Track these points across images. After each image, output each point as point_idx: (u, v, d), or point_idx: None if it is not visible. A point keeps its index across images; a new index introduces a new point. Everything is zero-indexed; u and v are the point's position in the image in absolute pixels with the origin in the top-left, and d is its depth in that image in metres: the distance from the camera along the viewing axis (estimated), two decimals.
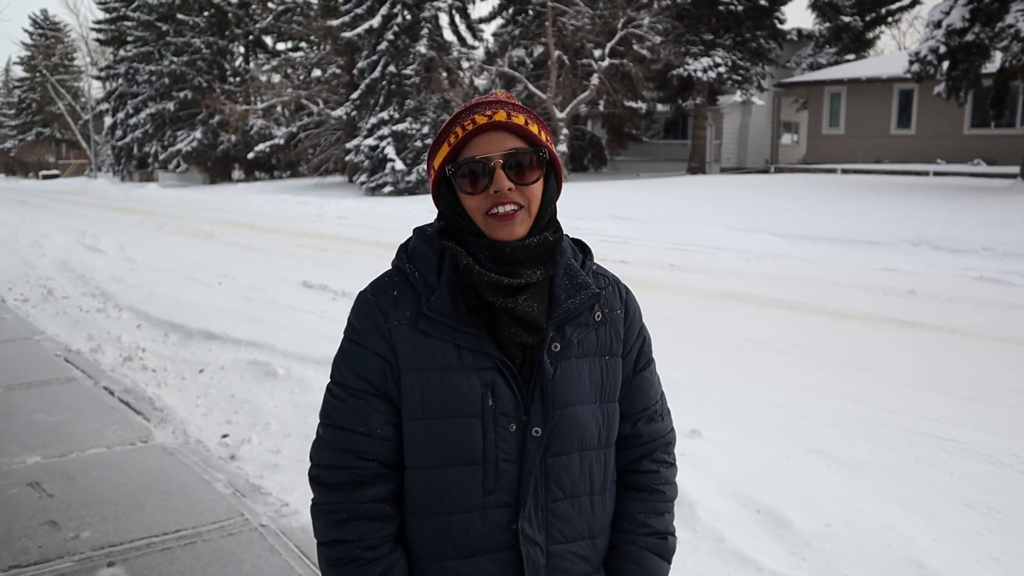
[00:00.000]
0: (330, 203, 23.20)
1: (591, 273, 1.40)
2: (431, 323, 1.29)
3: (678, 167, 30.59)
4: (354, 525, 1.30)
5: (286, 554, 3.29)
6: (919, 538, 3.33)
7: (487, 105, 1.31)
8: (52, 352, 6.69)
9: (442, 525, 1.31)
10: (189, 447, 4.54)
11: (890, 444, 4.41)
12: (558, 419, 1.30)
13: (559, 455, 1.31)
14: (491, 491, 1.29)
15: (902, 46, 48.81)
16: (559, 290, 1.34)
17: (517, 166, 1.28)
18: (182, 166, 40.76)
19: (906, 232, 12.56)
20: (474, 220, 1.30)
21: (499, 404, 1.28)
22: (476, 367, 1.28)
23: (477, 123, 1.28)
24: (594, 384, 1.35)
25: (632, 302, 1.46)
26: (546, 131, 1.34)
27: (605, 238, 14.37)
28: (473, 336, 1.28)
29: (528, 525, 1.30)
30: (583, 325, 1.35)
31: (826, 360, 6.13)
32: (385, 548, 1.31)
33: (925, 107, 24.70)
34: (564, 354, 1.32)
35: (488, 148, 1.28)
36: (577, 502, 1.34)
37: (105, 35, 47.69)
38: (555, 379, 1.30)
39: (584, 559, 1.36)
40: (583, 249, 1.45)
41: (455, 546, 1.31)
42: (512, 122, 1.29)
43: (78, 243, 14.57)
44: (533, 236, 1.31)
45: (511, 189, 1.27)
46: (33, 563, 3.23)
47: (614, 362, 1.39)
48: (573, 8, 27.79)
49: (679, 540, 3.33)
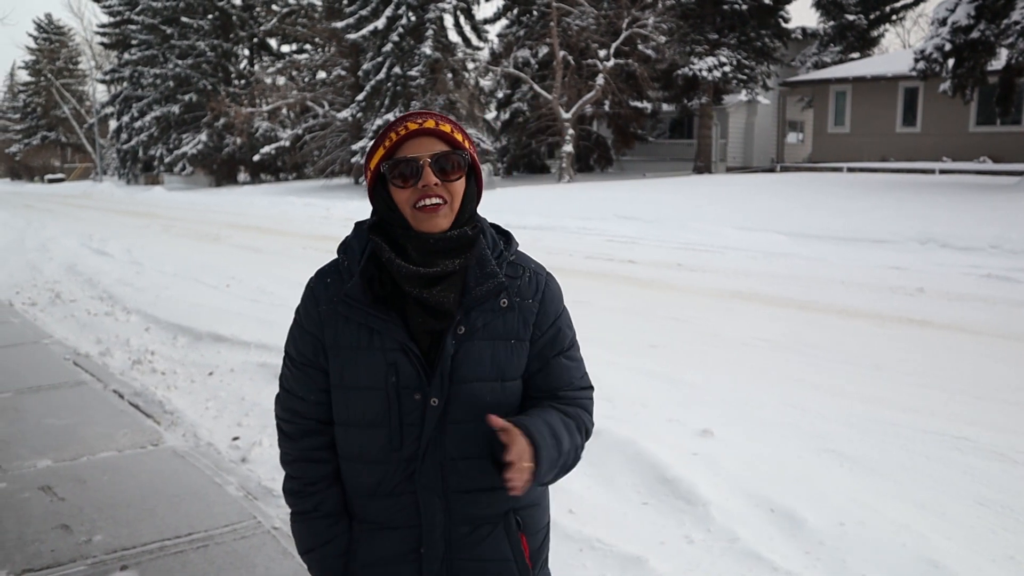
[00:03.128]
0: (336, 205, 23.22)
1: (505, 263, 1.56)
2: (348, 307, 1.51)
3: (684, 167, 30.56)
4: (299, 466, 1.62)
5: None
6: (933, 537, 3.32)
7: (419, 115, 1.51)
8: (61, 356, 6.70)
9: (361, 471, 1.57)
10: (200, 450, 4.54)
11: (902, 443, 4.39)
12: (455, 392, 1.50)
13: (457, 422, 1.51)
14: (397, 447, 1.52)
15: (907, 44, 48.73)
16: (470, 278, 1.51)
17: (442, 166, 1.48)
18: (187, 169, 40.85)
19: (913, 230, 12.52)
20: (403, 213, 1.50)
21: (401, 379, 1.49)
22: (383, 348, 1.49)
23: (409, 129, 1.49)
24: (496, 363, 1.52)
25: (549, 293, 1.59)
26: (469, 140, 1.54)
27: (612, 238, 14.36)
28: (383, 321, 1.49)
29: (425, 476, 1.53)
30: (489, 311, 1.52)
31: (836, 359, 6.11)
32: (321, 485, 1.61)
33: (931, 105, 24.63)
34: (468, 336, 1.51)
35: (418, 150, 1.48)
36: (476, 462, 1.53)
37: (109, 39, 47.87)
38: (456, 358, 1.50)
39: (485, 504, 1.56)
40: (507, 239, 1.61)
41: (371, 488, 1.57)
42: (439, 129, 1.49)
43: (85, 246, 14.61)
44: (454, 230, 1.50)
45: (437, 184, 1.47)
46: (46, 567, 3.23)
47: (520, 346, 1.55)
48: (578, 8, 27.79)
49: (694, 541, 3.34)
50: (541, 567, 1.69)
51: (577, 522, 3.50)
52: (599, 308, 8.08)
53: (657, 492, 3.78)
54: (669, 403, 4.99)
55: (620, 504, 3.71)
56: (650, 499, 3.74)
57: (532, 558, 1.64)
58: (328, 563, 1.64)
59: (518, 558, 1.60)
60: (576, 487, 3.84)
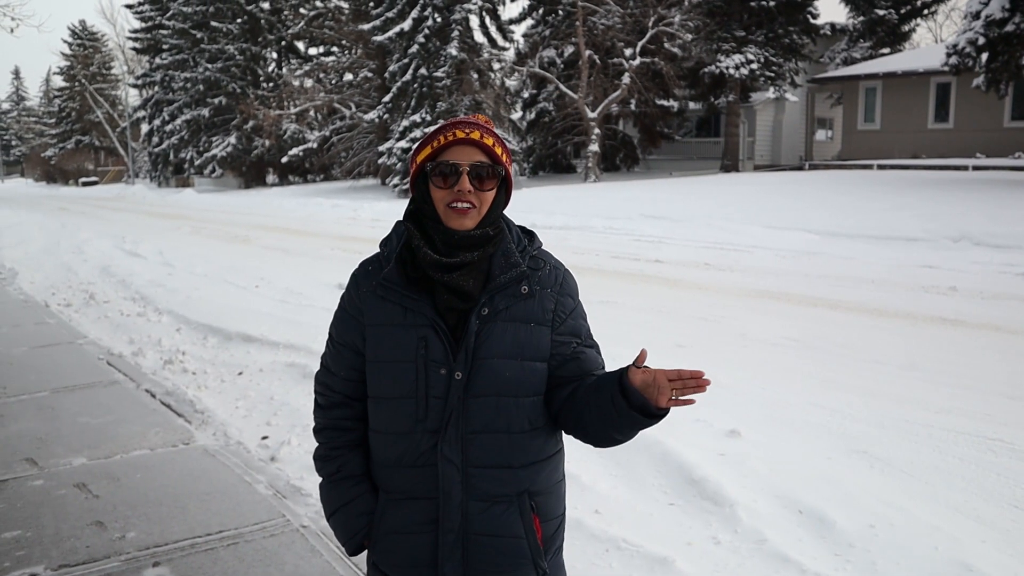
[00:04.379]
0: (363, 206, 23.36)
1: (528, 256, 1.72)
2: (385, 289, 1.69)
3: (711, 165, 30.35)
4: (327, 433, 1.80)
5: (327, 555, 3.32)
6: (967, 540, 3.27)
7: (468, 124, 1.66)
8: (95, 356, 6.81)
9: (388, 441, 1.71)
10: (230, 449, 4.60)
11: (934, 444, 4.33)
12: (477, 368, 1.63)
13: (477, 396, 1.64)
14: (422, 419, 1.65)
15: (939, 39, 47.93)
16: (495, 267, 1.67)
17: (479, 174, 1.65)
18: (217, 171, 41.32)
19: (946, 228, 12.32)
20: (437, 208, 1.66)
21: (430, 353, 1.64)
22: (415, 324, 1.65)
23: (457, 136, 1.65)
24: (516, 343, 1.65)
25: (567, 285, 1.75)
26: (508, 155, 1.70)
27: (639, 238, 14.31)
28: (415, 300, 1.66)
29: (447, 448, 1.64)
30: (511, 296, 1.67)
31: (866, 359, 6.04)
32: (344, 449, 1.77)
33: (963, 100, 24.23)
34: (491, 317, 1.65)
35: (460, 157, 1.65)
36: (494, 436, 1.66)
37: (141, 44, 48.55)
38: (479, 336, 1.64)
39: (501, 482, 1.67)
40: (530, 237, 1.78)
41: (396, 458, 1.70)
42: (483, 142, 1.65)
43: (118, 248, 14.84)
44: (477, 229, 1.66)
45: (471, 191, 1.63)
46: (81, 562, 3.29)
47: (539, 330, 1.68)
48: (603, 7, 27.71)
49: (721, 542, 3.32)
50: (555, 554, 1.78)
51: (603, 522, 3.49)
52: (626, 308, 8.05)
53: (684, 493, 3.76)
54: (696, 403, 4.95)
55: (646, 505, 3.70)
56: (677, 500, 3.73)
57: (545, 542, 1.72)
58: (351, 523, 1.75)
59: (530, 536, 1.69)
60: (602, 487, 3.83)
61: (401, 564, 1.71)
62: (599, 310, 1.61)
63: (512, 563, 1.68)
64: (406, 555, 1.70)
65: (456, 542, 1.67)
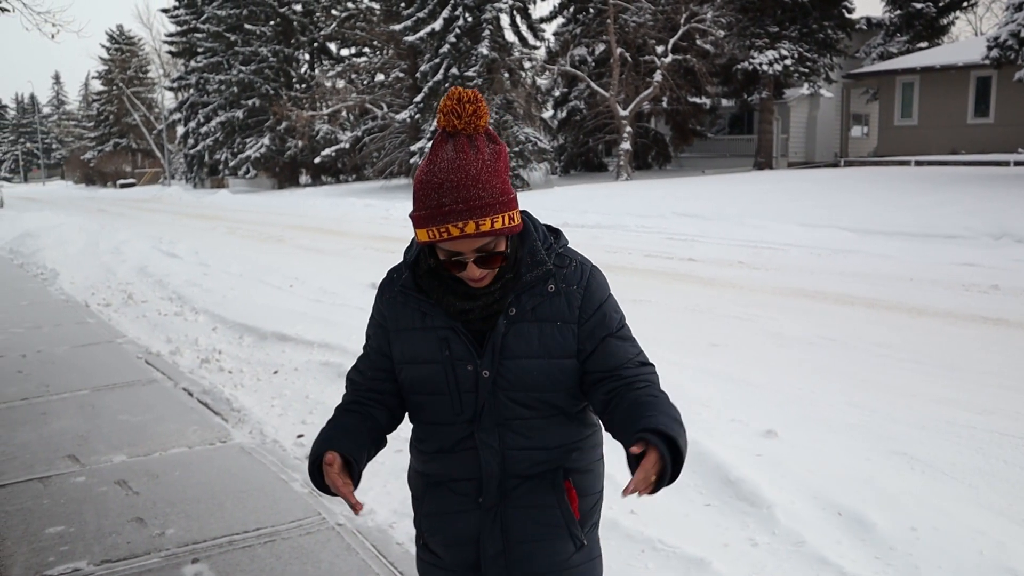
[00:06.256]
0: (396, 206, 23.48)
1: (554, 254, 1.72)
2: (404, 296, 1.75)
3: (744, 163, 30.06)
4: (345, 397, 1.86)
5: (363, 553, 3.34)
6: (1012, 544, 3.19)
7: (456, 215, 1.53)
8: (134, 354, 6.92)
9: (431, 431, 1.80)
10: (266, 447, 4.64)
11: (977, 446, 4.24)
12: (505, 367, 1.68)
13: (506, 390, 1.69)
14: (459, 412, 1.72)
15: (978, 32, 46.98)
16: (522, 267, 1.69)
17: (486, 257, 1.61)
18: (251, 172, 41.83)
19: (986, 225, 12.07)
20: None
21: (454, 352, 1.69)
22: (435, 327, 1.71)
23: (451, 234, 1.56)
24: (543, 343, 1.68)
25: (594, 281, 1.73)
26: (509, 209, 1.58)
27: (672, 236, 14.21)
28: (432, 305, 1.71)
29: (484, 435, 1.72)
30: (538, 295, 1.69)
31: (905, 359, 5.94)
32: (353, 407, 1.81)
33: (1004, 94, 23.71)
34: (518, 318, 1.68)
35: (463, 247, 1.59)
36: (527, 423, 1.72)
37: (177, 47, 49.26)
38: (506, 337, 1.67)
39: (537, 463, 1.74)
40: (556, 234, 1.78)
41: (440, 445, 1.79)
42: (480, 232, 1.55)
43: (155, 249, 15.07)
44: (496, 283, 1.66)
45: (483, 277, 1.63)
46: (123, 558, 3.34)
47: (566, 328, 1.70)
48: (635, 5, 27.57)
49: (758, 544, 3.28)
50: (591, 528, 1.85)
51: (639, 523, 3.47)
52: (659, 307, 8.00)
53: (720, 493, 3.72)
54: (732, 403, 4.91)
55: (682, 505, 3.66)
56: (713, 500, 3.69)
57: (583, 516, 1.79)
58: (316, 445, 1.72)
59: (562, 505, 1.75)
60: None
61: (446, 542, 1.82)
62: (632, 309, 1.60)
63: (546, 532, 1.75)
64: (450, 533, 1.80)
65: (495, 518, 1.76)
